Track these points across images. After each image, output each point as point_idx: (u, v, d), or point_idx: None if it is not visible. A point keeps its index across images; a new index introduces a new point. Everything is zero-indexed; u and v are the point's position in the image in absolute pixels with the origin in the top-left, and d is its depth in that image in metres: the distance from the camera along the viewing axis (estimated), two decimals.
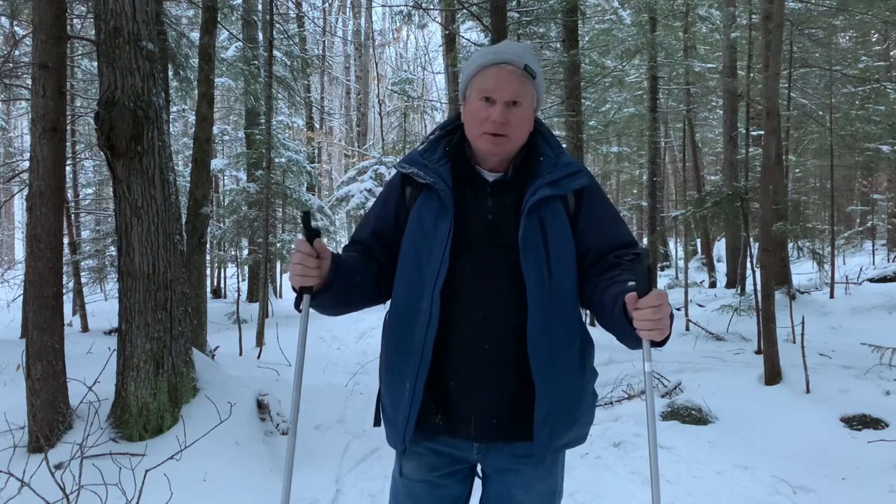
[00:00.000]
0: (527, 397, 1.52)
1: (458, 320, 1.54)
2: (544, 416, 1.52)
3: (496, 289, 1.53)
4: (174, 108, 11.75)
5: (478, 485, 1.74)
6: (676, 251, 19.38)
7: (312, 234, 1.45)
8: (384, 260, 1.64)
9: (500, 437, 1.57)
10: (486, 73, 1.55)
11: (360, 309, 1.65)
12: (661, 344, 1.36)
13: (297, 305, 1.51)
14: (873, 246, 17.86)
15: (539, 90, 1.59)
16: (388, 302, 1.66)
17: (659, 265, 17.67)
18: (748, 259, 8.66)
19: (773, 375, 4.91)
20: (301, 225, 1.48)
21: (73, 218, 10.15)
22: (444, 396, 1.57)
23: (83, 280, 9.60)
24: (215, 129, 12.44)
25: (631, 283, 1.37)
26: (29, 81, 5.96)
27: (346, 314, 1.68)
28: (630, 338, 1.41)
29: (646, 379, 1.44)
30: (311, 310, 1.54)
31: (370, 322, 9.38)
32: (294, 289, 1.49)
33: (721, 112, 13.71)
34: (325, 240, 1.46)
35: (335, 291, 1.51)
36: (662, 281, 15.42)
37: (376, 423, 1.71)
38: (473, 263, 1.54)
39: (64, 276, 3.94)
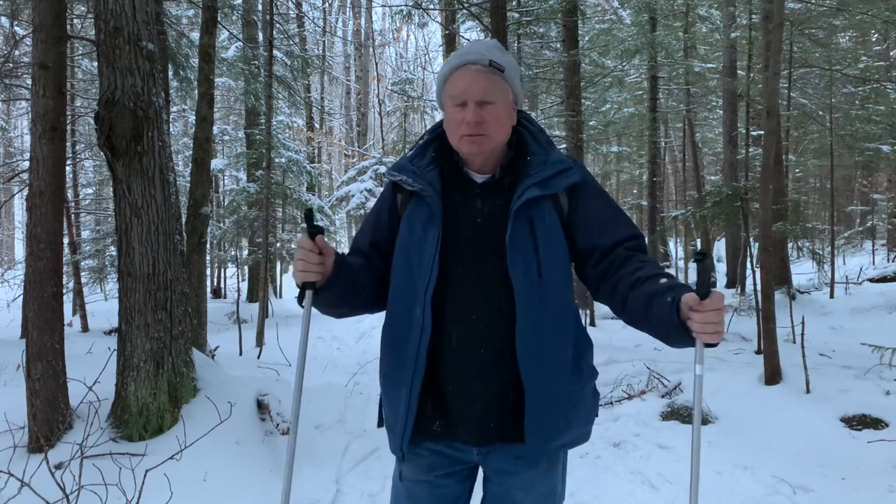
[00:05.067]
0: (521, 399, 1.52)
1: (451, 325, 1.54)
2: (535, 416, 1.51)
3: (487, 291, 1.53)
4: (174, 108, 11.73)
5: (478, 485, 1.74)
6: (676, 251, 19.35)
7: (314, 231, 1.47)
8: (384, 268, 1.65)
9: (497, 440, 1.56)
10: (453, 77, 1.55)
11: (361, 312, 1.67)
12: (714, 345, 1.33)
13: (300, 301, 1.52)
14: (873, 246, 17.82)
15: (512, 83, 1.56)
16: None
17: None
18: (748, 259, 8.66)
19: (773, 375, 4.90)
20: (304, 222, 1.50)
21: (73, 218, 10.12)
22: (440, 401, 1.57)
23: (83, 280, 9.60)
24: (215, 129, 12.43)
25: (665, 283, 1.39)
26: (29, 81, 5.96)
27: (347, 317, 1.69)
28: (677, 339, 1.36)
29: (696, 382, 1.38)
30: (314, 309, 1.56)
31: (370, 322, 9.37)
32: (297, 285, 1.51)
33: (721, 112, 13.69)
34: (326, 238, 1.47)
35: (338, 289, 1.52)
36: None
37: (380, 425, 1.72)
38: (464, 267, 1.54)
39: (64, 276, 3.94)
